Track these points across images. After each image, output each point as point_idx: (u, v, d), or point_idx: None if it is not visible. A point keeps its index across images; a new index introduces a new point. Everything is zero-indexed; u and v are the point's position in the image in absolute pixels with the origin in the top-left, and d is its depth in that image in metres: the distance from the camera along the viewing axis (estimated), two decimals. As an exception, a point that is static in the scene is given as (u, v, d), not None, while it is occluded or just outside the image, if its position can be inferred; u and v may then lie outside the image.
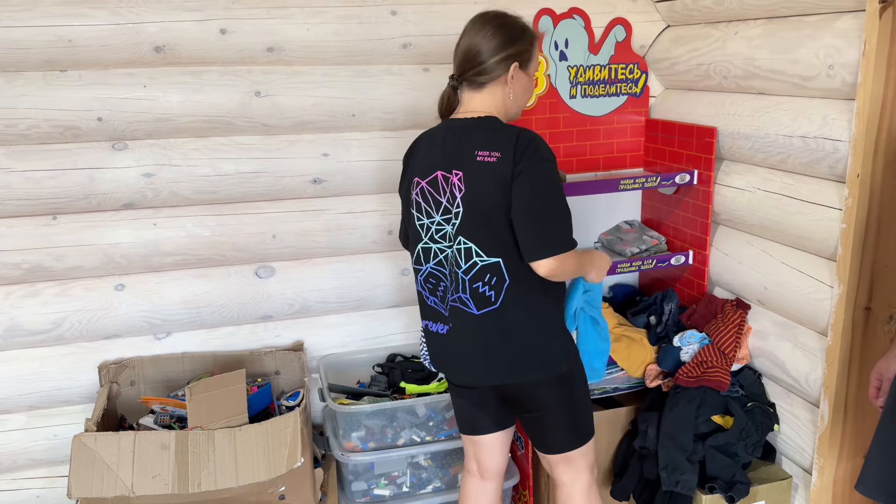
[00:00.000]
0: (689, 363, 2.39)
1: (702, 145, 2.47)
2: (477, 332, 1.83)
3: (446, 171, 1.80)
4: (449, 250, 1.82)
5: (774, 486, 2.26)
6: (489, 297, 1.80)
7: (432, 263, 1.86)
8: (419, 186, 1.86)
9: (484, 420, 2.02)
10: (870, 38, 1.79)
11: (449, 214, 1.80)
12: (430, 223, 1.85)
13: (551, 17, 2.60)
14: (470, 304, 1.81)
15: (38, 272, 2.36)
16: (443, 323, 1.88)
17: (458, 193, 1.77)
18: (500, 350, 1.83)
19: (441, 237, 1.83)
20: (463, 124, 1.83)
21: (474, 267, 1.78)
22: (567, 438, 1.95)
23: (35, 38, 2.17)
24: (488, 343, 1.83)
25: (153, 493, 2.03)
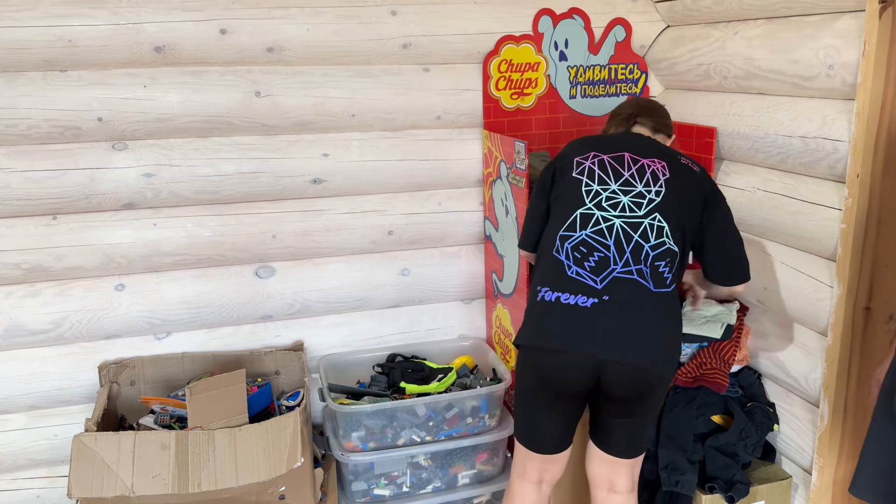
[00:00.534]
0: (687, 364, 2.39)
1: (702, 145, 2.47)
2: (646, 311, 1.78)
3: (638, 156, 1.91)
4: (619, 221, 1.82)
5: (774, 486, 2.26)
6: (666, 280, 1.82)
7: (590, 230, 1.83)
8: (597, 159, 1.91)
9: (563, 435, 1.94)
10: (870, 38, 1.79)
11: (635, 187, 1.85)
12: (601, 189, 1.86)
13: (551, 17, 2.60)
14: (648, 280, 1.80)
15: (38, 272, 2.36)
16: (586, 295, 1.77)
17: (661, 176, 1.88)
18: (662, 335, 1.80)
19: (612, 206, 1.84)
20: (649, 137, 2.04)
21: (662, 246, 1.82)
22: (645, 442, 1.97)
23: (35, 38, 2.17)
24: (655, 323, 1.79)
25: (153, 493, 2.03)
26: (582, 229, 1.83)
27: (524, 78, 2.63)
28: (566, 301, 1.78)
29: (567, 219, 1.86)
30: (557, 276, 1.82)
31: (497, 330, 2.71)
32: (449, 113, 2.59)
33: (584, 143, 2.01)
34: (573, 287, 1.79)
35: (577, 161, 1.93)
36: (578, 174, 1.90)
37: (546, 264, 1.87)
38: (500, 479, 2.50)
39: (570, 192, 1.89)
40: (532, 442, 1.95)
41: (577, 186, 1.88)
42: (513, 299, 2.48)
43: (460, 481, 2.47)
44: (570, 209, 1.86)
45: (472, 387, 2.46)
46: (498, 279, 2.63)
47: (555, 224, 1.90)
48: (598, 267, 1.80)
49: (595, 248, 1.81)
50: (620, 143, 1.98)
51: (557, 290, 1.81)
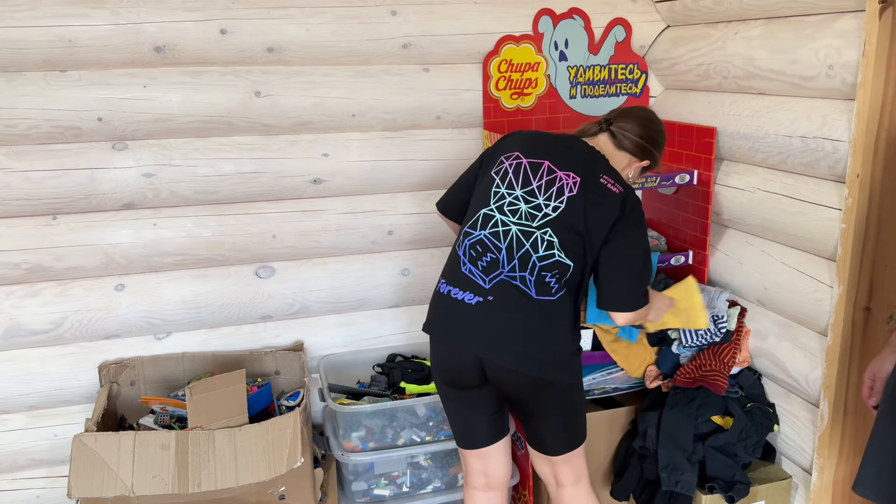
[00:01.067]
0: (686, 365, 2.39)
1: (701, 145, 2.47)
2: (526, 314, 1.84)
3: (556, 167, 1.89)
4: (515, 228, 1.85)
5: (774, 486, 2.26)
6: (552, 289, 1.85)
7: (487, 232, 1.87)
8: (516, 161, 1.92)
9: (486, 430, 2.02)
10: (870, 38, 1.80)
11: (535, 199, 1.86)
12: (507, 193, 1.89)
13: (551, 17, 2.60)
14: (531, 287, 1.84)
15: (38, 272, 2.36)
16: (473, 293, 1.85)
17: (567, 193, 1.86)
18: (540, 339, 1.85)
19: (511, 212, 1.87)
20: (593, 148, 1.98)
21: (551, 258, 1.84)
22: (575, 436, 2.02)
23: (35, 38, 2.17)
24: (533, 329, 1.84)
25: (153, 493, 2.03)
26: (482, 229, 1.89)
27: (524, 78, 2.63)
28: (455, 296, 1.88)
29: (472, 216, 1.92)
30: (454, 270, 1.92)
31: (497, 330, 2.71)
32: (449, 113, 2.59)
33: (519, 140, 1.99)
34: (464, 284, 1.88)
35: (501, 158, 1.95)
36: (494, 173, 1.94)
37: (450, 257, 1.97)
38: (500, 479, 2.50)
39: (482, 188, 1.95)
40: (461, 438, 2.05)
41: (488, 185, 1.93)
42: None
43: (460, 481, 2.47)
44: (477, 207, 1.93)
45: (472, 387, 2.46)
46: (498, 279, 2.63)
47: (466, 220, 1.96)
48: (489, 268, 1.86)
49: (489, 249, 1.86)
50: (551, 149, 1.94)
51: (450, 284, 1.91)
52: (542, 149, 1.94)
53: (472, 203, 1.97)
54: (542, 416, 1.96)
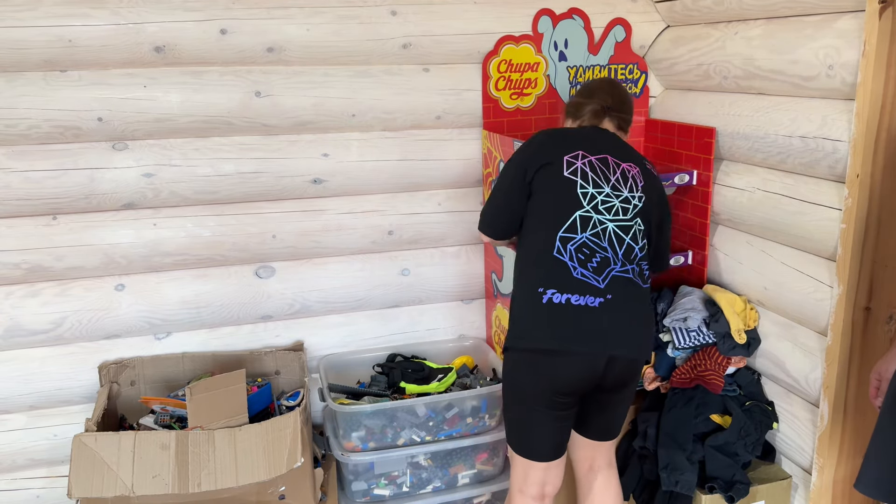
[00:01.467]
0: (682, 366, 2.39)
1: (701, 145, 2.47)
2: (641, 304, 1.93)
3: (618, 160, 1.97)
4: (612, 225, 1.90)
5: (774, 485, 2.26)
6: (647, 277, 1.97)
7: (589, 233, 1.87)
8: (586, 159, 1.93)
9: (563, 439, 1.98)
10: (869, 38, 1.80)
11: (622, 192, 1.93)
12: (597, 192, 1.90)
13: (551, 18, 2.61)
14: (638, 278, 1.92)
15: (38, 272, 2.36)
16: (594, 295, 1.83)
17: (640, 182, 1.97)
18: (649, 325, 1.97)
19: (607, 209, 1.90)
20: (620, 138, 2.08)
21: (644, 248, 1.96)
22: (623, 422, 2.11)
23: (35, 38, 2.17)
24: (646, 316, 1.95)
25: (153, 493, 2.03)
26: (582, 232, 1.87)
27: (524, 78, 2.63)
28: (577, 302, 1.83)
29: (566, 220, 1.88)
30: (563, 278, 1.84)
31: (497, 330, 2.71)
32: (449, 113, 2.60)
33: (565, 139, 2.01)
34: (581, 288, 1.84)
35: (567, 160, 1.93)
36: (571, 174, 1.91)
37: (546, 266, 1.86)
38: (500, 479, 2.51)
39: (564, 193, 1.90)
40: (536, 451, 1.94)
41: (571, 188, 1.90)
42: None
43: (460, 481, 2.47)
44: (568, 210, 1.89)
45: (472, 387, 2.46)
46: (497, 279, 2.63)
47: (550, 224, 1.89)
48: (600, 267, 1.86)
49: (596, 250, 1.87)
50: (598, 143, 2.00)
51: (567, 291, 1.83)
52: (592, 144, 1.98)
53: (552, 208, 1.90)
54: (625, 399, 2.02)
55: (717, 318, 2.36)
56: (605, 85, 2.19)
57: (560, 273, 1.85)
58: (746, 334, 2.32)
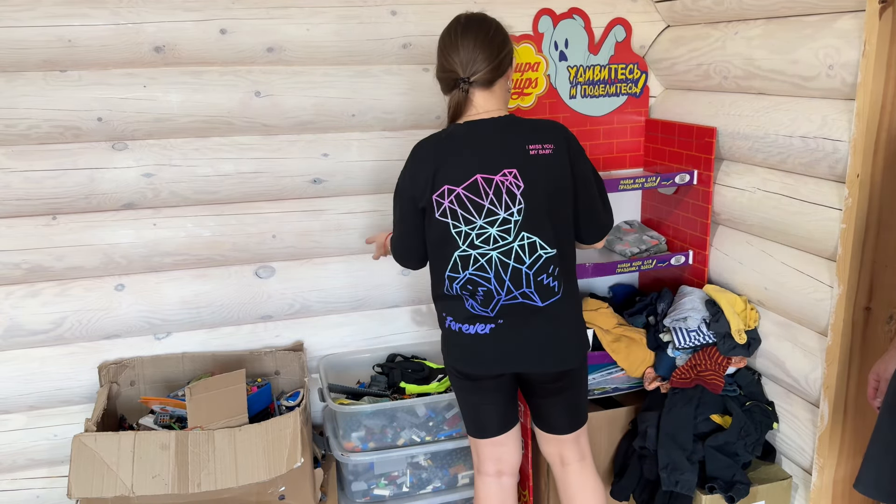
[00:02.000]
0: (682, 367, 2.39)
1: (701, 145, 2.47)
2: (540, 323, 1.89)
3: (489, 174, 1.81)
4: (494, 253, 1.83)
5: (774, 486, 2.26)
6: (553, 288, 1.88)
7: (472, 270, 1.85)
8: (453, 194, 1.82)
9: (503, 417, 2.06)
10: (870, 38, 1.79)
11: (496, 216, 1.82)
12: (469, 229, 1.83)
13: (551, 18, 2.60)
14: (535, 298, 1.87)
15: (38, 272, 2.36)
16: (484, 323, 1.89)
17: (517, 191, 1.81)
18: (562, 337, 1.93)
19: (483, 241, 1.83)
20: (494, 124, 1.86)
21: (539, 260, 1.84)
22: (582, 415, 2.11)
23: (35, 38, 2.17)
24: (552, 332, 1.91)
25: (153, 493, 2.03)
26: (464, 270, 1.86)
27: (524, 78, 2.63)
28: (467, 331, 1.92)
29: (448, 261, 1.87)
30: (458, 309, 1.92)
31: (497, 330, 2.71)
32: (449, 113, 2.59)
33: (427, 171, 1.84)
34: (472, 318, 1.90)
35: (435, 200, 1.84)
36: (441, 216, 1.84)
37: (444, 297, 1.94)
38: (500, 479, 2.50)
39: (440, 233, 1.86)
40: (478, 429, 2.07)
41: (445, 229, 1.85)
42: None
43: (460, 481, 2.47)
44: (448, 250, 1.86)
45: (472, 387, 2.46)
46: (498, 279, 2.63)
47: (439, 262, 1.91)
48: (486, 299, 1.87)
49: (479, 283, 1.86)
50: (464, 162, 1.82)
51: (459, 321, 1.92)
52: (461, 167, 1.82)
53: (436, 246, 1.89)
54: (566, 400, 2.05)
55: (717, 319, 2.36)
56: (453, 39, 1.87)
57: (454, 305, 1.92)
58: (747, 334, 2.32)
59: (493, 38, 1.86)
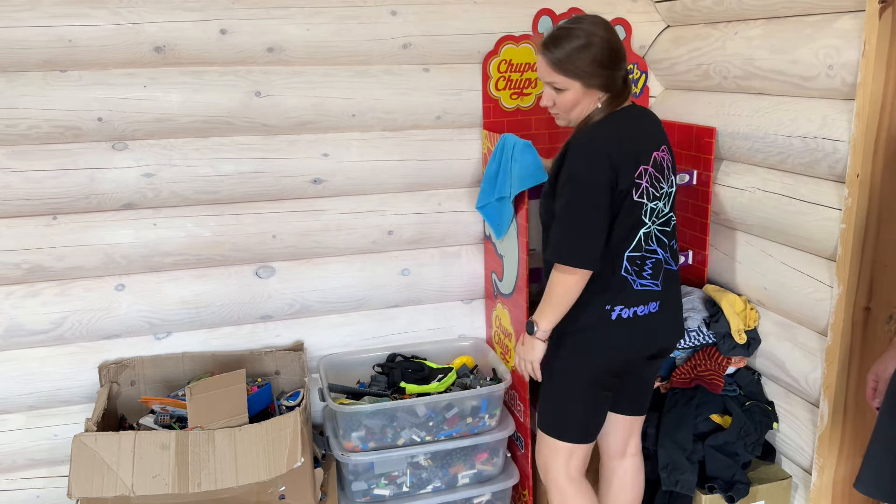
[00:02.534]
0: (682, 366, 2.40)
1: (701, 145, 2.47)
2: (678, 288, 2.05)
3: (658, 151, 1.92)
4: (655, 225, 1.92)
5: (774, 485, 2.26)
6: (676, 252, 2.03)
7: (645, 245, 1.90)
8: (647, 174, 1.87)
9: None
10: (869, 38, 1.80)
11: (663, 190, 1.92)
12: (653, 206, 1.90)
13: (551, 18, 2.60)
14: (672, 262, 2.00)
15: (38, 272, 2.36)
16: (654, 300, 1.94)
17: (669, 166, 1.96)
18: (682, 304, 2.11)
19: (655, 215, 1.91)
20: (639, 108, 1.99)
21: (673, 227, 1.99)
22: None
23: (35, 38, 2.17)
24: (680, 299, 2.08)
25: (153, 493, 2.03)
26: (646, 245, 1.91)
27: (524, 78, 2.63)
28: (642, 313, 1.93)
29: (633, 239, 1.88)
30: (626, 293, 1.91)
31: (497, 330, 2.71)
32: (449, 113, 2.60)
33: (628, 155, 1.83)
34: (643, 297, 1.92)
35: (636, 183, 1.84)
36: (639, 197, 1.86)
37: (613, 284, 1.90)
38: (500, 478, 2.50)
39: (632, 214, 1.86)
40: (591, 433, 2.05)
41: (638, 209, 1.87)
42: (512, 299, 2.48)
43: (460, 481, 2.47)
44: (635, 230, 1.88)
45: (472, 387, 2.46)
46: (498, 279, 2.63)
47: (618, 246, 1.87)
48: (655, 271, 1.93)
49: (648, 257, 1.92)
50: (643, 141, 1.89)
51: (632, 305, 1.92)
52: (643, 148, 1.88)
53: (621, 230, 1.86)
54: (653, 371, 2.14)
55: (717, 319, 2.36)
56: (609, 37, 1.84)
57: (622, 291, 1.90)
58: (746, 334, 2.32)
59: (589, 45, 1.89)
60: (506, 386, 2.43)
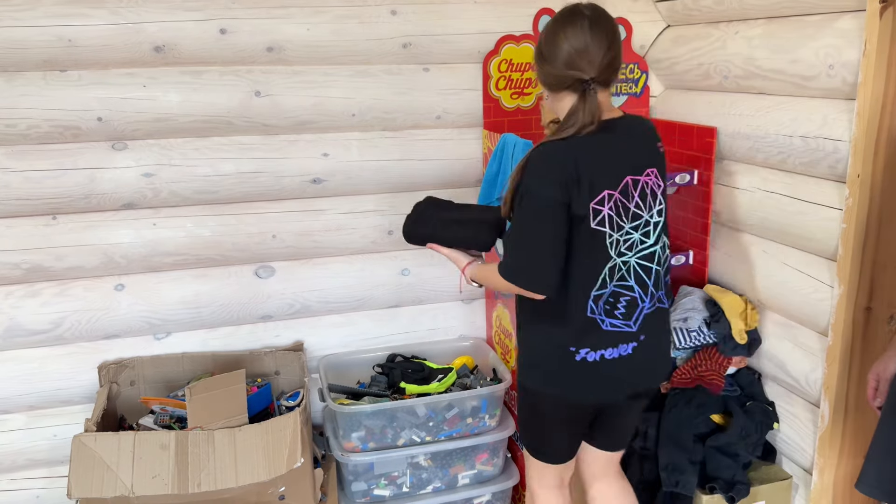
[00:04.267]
0: (682, 367, 2.39)
1: (702, 145, 2.47)
2: (666, 328, 1.86)
3: (636, 175, 1.69)
4: (633, 259, 1.71)
5: (775, 486, 2.26)
6: (669, 287, 1.86)
7: (615, 281, 1.70)
8: (612, 201, 1.66)
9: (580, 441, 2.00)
10: (870, 38, 1.79)
11: (640, 220, 1.71)
12: (619, 237, 1.68)
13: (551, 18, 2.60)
14: (665, 301, 1.82)
15: (38, 272, 2.36)
16: (626, 342, 1.74)
17: (658, 190, 1.75)
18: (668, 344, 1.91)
19: (627, 248, 1.70)
20: (629, 122, 1.74)
21: (666, 260, 1.81)
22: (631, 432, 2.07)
23: (35, 38, 2.17)
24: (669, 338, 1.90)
25: (153, 494, 2.03)
26: (610, 282, 1.70)
27: (524, 78, 2.63)
28: (611, 356, 1.74)
29: (597, 277, 1.69)
30: (593, 335, 1.73)
31: (497, 330, 2.71)
32: (449, 113, 2.59)
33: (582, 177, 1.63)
34: (613, 340, 1.74)
35: (593, 208, 1.64)
36: (598, 225, 1.66)
37: (576, 324, 1.72)
38: (500, 479, 2.50)
39: (592, 245, 1.67)
40: (554, 457, 1.96)
41: (600, 239, 1.67)
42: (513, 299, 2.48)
43: (460, 481, 2.47)
44: (598, 265, 1.69)
45: (473, 387, 2.46)
46: (498, 279, 2.62)
47: (579, 283, 1.69)
48: (629, 311, 1.73)
49: (621, 294, 1.72)
50: (615, 162, 1.68)
51: (600, 347, 1.73)
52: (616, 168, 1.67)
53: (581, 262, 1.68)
54: (636, 410, 1.97)
55: (717, 319, 2.35)
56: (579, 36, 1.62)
57: (591, 330, 1.72)
58: (747, 334, 2.32)
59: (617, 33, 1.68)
60: (506, 386, 2.42)
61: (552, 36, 1.66)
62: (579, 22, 1.63)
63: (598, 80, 1.64)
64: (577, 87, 1.65)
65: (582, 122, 1.64)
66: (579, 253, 1.67)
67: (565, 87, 1.68)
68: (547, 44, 1.68)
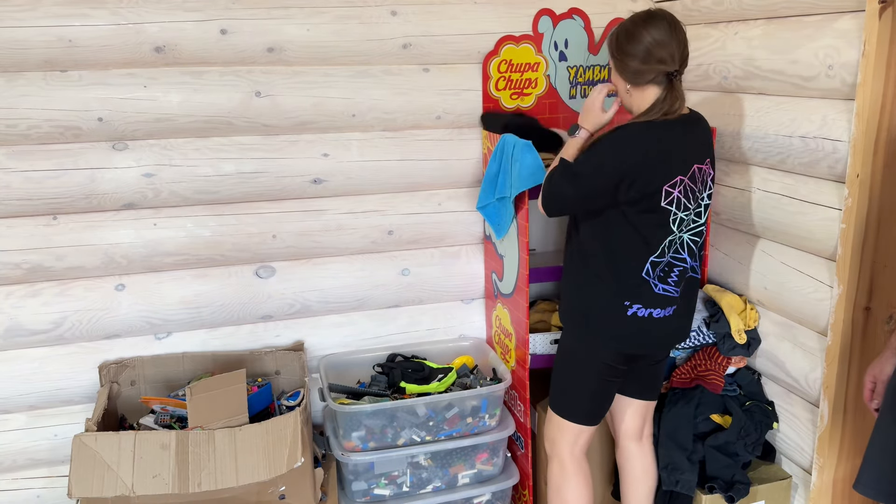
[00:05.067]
0: (682, 366, 2.40)
1: (702, 145, 2.47)
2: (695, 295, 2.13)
3: (700, 164, 1.94)
4: (687, 235, 1.98)
5: (774, 485, 2.26)
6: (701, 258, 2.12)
7: (671, 252, 1.96)
8: (682, 185, 1.91)
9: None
10: (869, 38, 1.80)
11: (701, 200, 1.98)
12: (684, 216, 1.94)
13: (551, 18, 2.61)
14: (698, 270, 2.09)
15: (38, 272, 2.36)
16: (671, 305, 2.01)
17: (709, 178, 2.00)
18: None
19: (686, 226, 1.96)
20: (695, 116, 1.99)
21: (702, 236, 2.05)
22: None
23: (35, 38, 2.17)
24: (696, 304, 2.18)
25: (153, 493, 2.03)
26: (669, 253, 1.96)
27: (524, 78, 2.63)
28: (658, 315, 2.00)
29: (657, 246, 1.94)
30: (646, 294, 1.98)
31: (497, 330, 2.71)
32: (449, 113, 2.60)
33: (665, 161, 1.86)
34: (662, 302, 1.99)
35: (665, 190, 1.88)
36: (667, 204, 1.90)
37: (633, 283, 1.97)
38: (500, 478, 2.50)
39: (658, 220, 1.92)
40: (595, 416, 2.14)
41: (665, 216, 1.92)
42: (513, 299, 2.48)
43: (460, 481, 2.47)
44: (661, 237, 1.94)
45: (472, 387, 2.46)
46: (498, 279, 2.63)
47: (642, 249, 1.94)
48: (680, 279, 2.00)
49: (675, 264, 1.98)
50: (687, 150, 1.91)
51: (650, 306, 1.99)
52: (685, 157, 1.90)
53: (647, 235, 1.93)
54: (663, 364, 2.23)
55: (717, 318, 2.36)
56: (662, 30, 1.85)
57: (645, 291, 1.97)
58: (747, 334, 2.32)
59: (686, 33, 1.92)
60: (506, 386, 2.43)
61: (635, 34, 1.87)
62: (659, 21, 1.86)
63: (680, 71, 1.88)
64: (660, 80, 1.87)
65: (667, 109, 1.88)
66: (646, 225, 1.92)
67: (649, 80, 1.88)
68: (630, 42, 1.88)
